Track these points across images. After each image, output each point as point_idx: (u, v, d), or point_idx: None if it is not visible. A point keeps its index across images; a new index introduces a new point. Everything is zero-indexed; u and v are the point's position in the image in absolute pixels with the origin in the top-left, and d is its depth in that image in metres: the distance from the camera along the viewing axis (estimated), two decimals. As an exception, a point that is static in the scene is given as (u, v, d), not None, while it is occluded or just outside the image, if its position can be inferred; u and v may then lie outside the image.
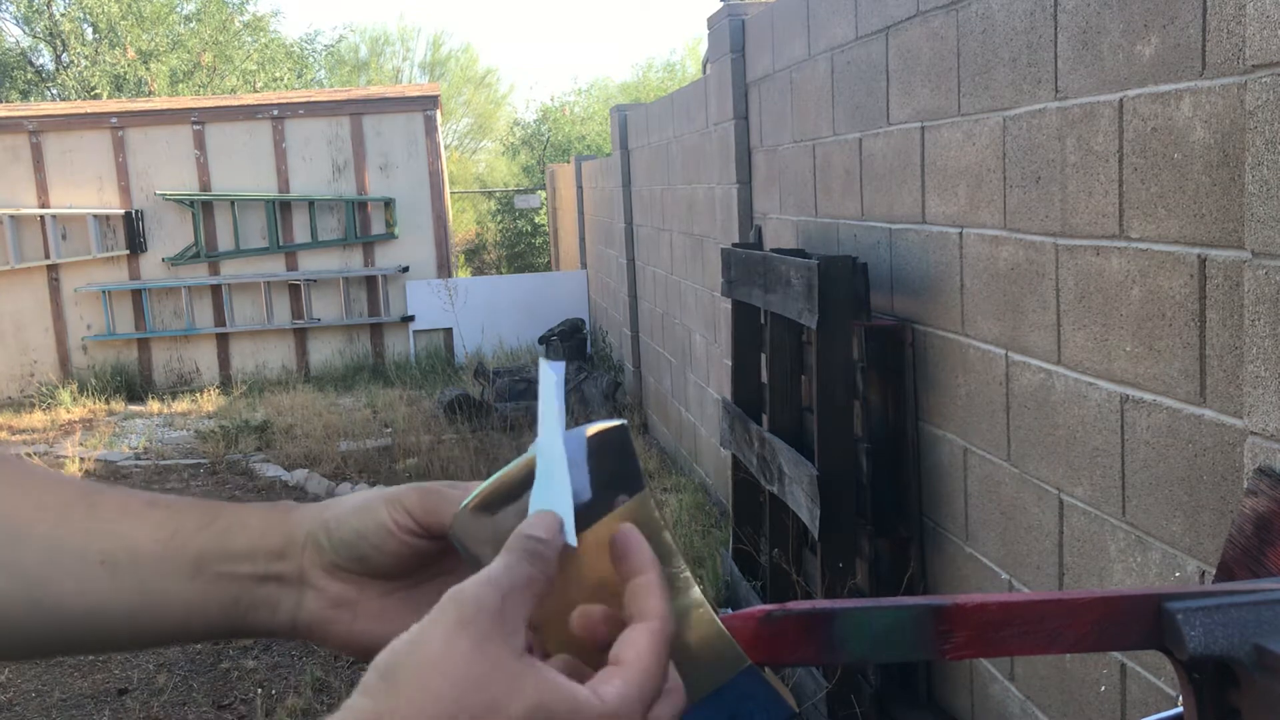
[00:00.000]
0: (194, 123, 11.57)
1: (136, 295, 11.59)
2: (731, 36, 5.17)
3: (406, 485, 0.70)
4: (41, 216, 11.26)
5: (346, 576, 0.69)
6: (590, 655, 0.57)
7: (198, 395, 11.07)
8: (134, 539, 0.68)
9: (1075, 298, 2.45)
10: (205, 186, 11.60)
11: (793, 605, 0.68)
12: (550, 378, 0.61)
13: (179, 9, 21.44)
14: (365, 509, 0.69)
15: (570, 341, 11.15)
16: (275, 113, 11.71)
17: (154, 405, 10.80)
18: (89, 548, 0.67)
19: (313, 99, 12.08)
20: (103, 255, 11.42)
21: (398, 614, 0.70)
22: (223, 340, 11.81)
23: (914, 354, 3.33)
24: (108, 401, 10.96)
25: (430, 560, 0.70)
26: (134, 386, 11.45)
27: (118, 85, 19.80)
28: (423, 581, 0.71)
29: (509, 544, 0.56)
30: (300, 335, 11.93)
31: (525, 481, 0.60)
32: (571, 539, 0.57)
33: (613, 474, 0.60)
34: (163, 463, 8.30)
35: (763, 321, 4.10)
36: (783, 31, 4.54)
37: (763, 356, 4.17)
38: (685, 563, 0.61)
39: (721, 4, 5.31)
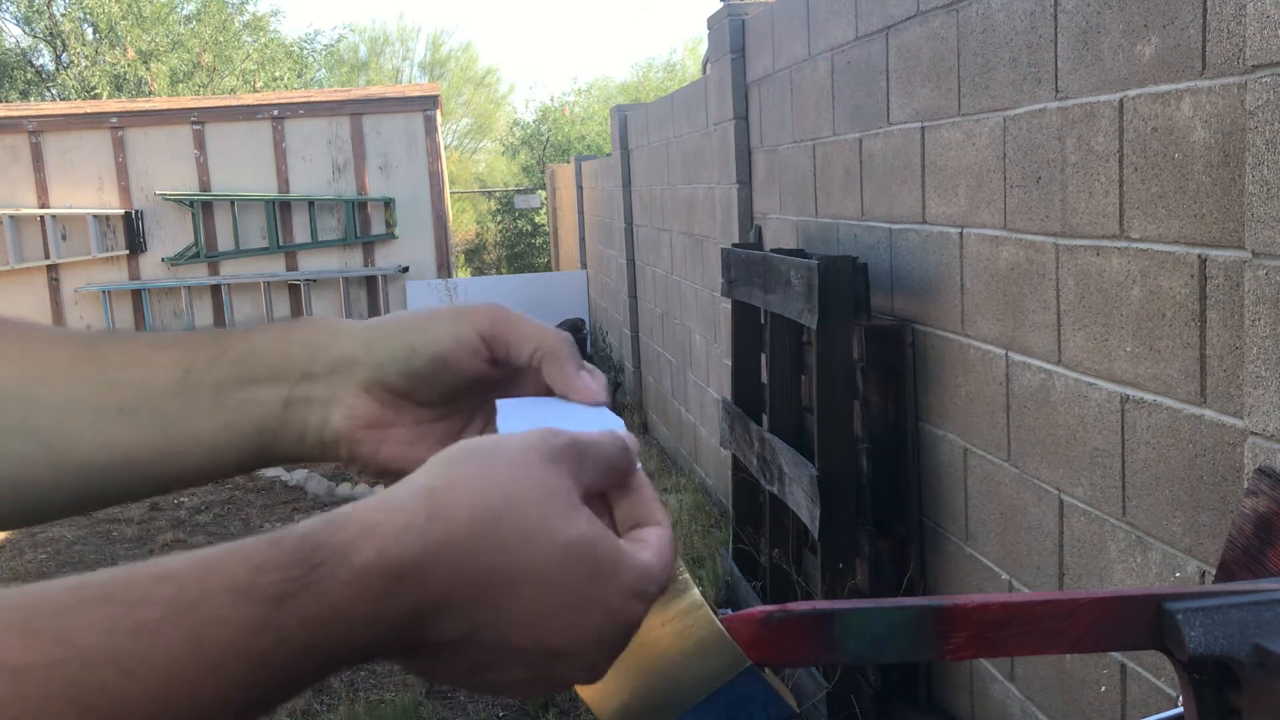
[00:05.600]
0: (194, 123, 11.57)
1: (136, 295, 11.58)
2: (731, 37, 5.17)
3: (475, 303, 0.68)
4: (41, 216, 11.26)
5: (383, 396, 0.67)
6: None
7: (198, 395, 11.05)
8: (149, 383, 0.66)
9: (1075, 298, 2.45)
10: (205, 186, 11.59)
11: (793, 606, 0.68)
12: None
13: (179, 9, 21.45)
14: (425, 324, 0.67)
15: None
16: (275, 113, 11.70)
17: (154, 405, 10.79)
18: (105, 401, 0.66)
19: (312, 99, 12.08)
20: (102, 255, 11.41)
21: (429, 442, 0.67)
22: (223, 340, 11.79)
23: (914, 354, 3.33)
24: (108, 401, 10.95)
25: (476, 390, 0.69)
26: (134, 386, 11.43)
27: (118, 85, 19.81)
28: (459, 414, 0.70)
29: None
30: (300, 335, 11.92)
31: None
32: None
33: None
34: (163, 463, 8.28)
35: (763, 321, 4.10)
36: (783, 32, 4.54)
37: (763, 356, 4.17)
38: (684, 564, 0.61)
39: (721, 4, 5.31)
